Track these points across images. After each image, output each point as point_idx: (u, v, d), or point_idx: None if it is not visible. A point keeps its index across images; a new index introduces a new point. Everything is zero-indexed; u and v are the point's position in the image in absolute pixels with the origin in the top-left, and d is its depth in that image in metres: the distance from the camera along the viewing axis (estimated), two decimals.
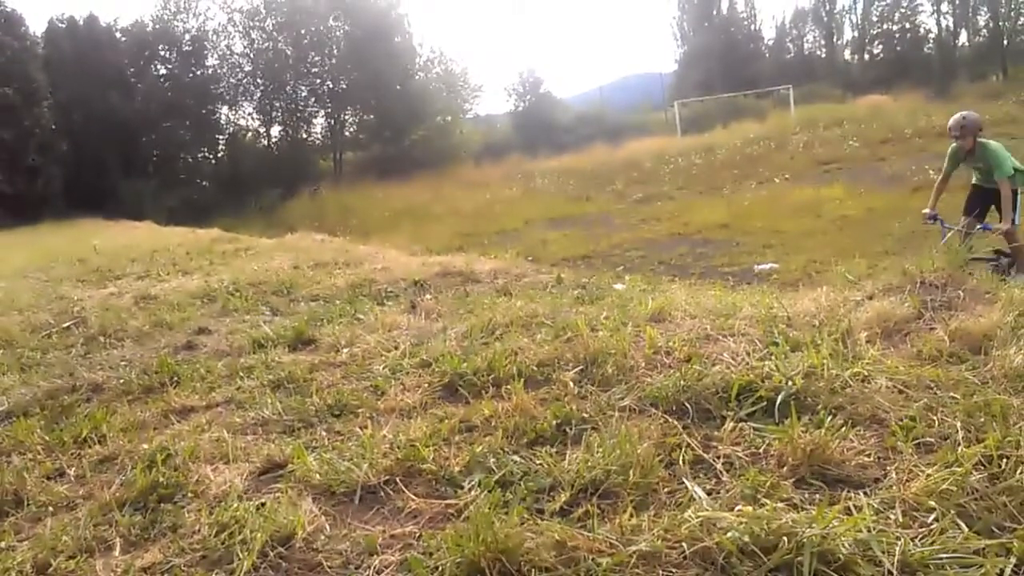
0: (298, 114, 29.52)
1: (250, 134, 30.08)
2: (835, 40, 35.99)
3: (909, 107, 21.27)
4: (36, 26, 30.53)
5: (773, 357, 2.25)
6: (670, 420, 1.97)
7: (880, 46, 34.07)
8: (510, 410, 2.14)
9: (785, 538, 1.35)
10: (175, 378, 3.07)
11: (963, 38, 33.27)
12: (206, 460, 2.12)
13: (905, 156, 15.21)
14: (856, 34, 34.98)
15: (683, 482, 1.65)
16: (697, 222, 11.39)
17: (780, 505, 1.48)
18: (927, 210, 5.37)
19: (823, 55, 36.24)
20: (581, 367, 2.43)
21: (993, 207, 5.22)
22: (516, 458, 1.85)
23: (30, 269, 8.71)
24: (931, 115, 18.20)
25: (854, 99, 26.04)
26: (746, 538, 1.36)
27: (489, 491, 1.69)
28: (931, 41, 33.33)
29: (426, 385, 2.52)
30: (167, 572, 1.58)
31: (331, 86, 28.95)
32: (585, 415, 2.06)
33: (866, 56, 34.55)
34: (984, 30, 32.42)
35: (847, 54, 35.98)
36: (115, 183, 24.77)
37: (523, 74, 32.20)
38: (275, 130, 29.98)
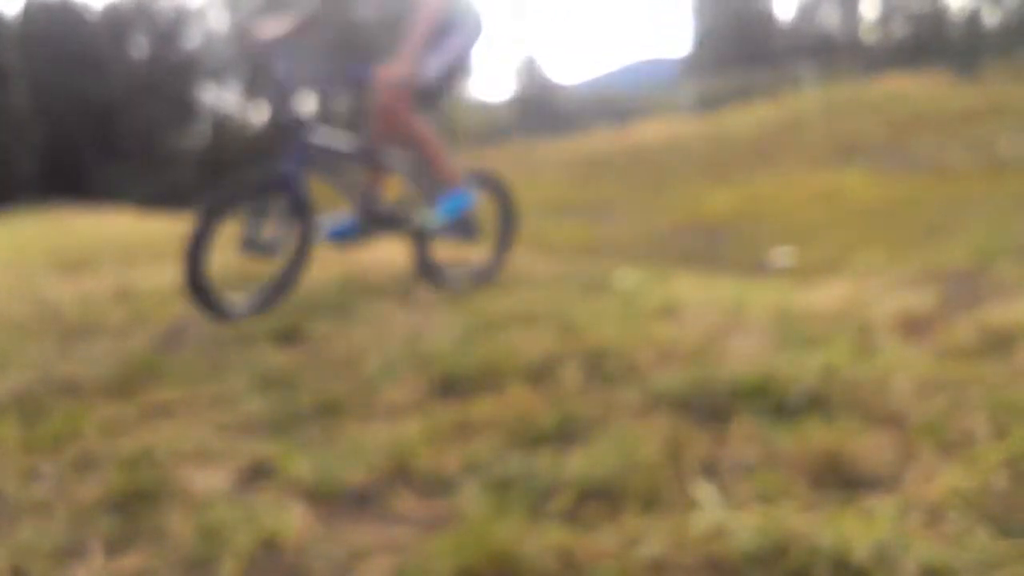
0: (286, 95, 29.45)
1: (236, 117, 30.03)
2: (855, 16, 35.86)
3: (933, 87, 21.20)
4: (12, 8, 30.50)
5: (787, 352, 2.25)
6: (678, 418, 1.97)
7: (903, 23, 33.94)
8: (509, 408, 2.14)
9: (799, 542, 1.36)
10: (156, 374, 3.07)
11: (989, 15, 33.11)
12: (189, 460, 2.12)
13: (929, 139, 15.18)
14: (878, 10, 34.86)
15: (691, 484, 1.65)
16: (708, 209, 11.38)
17: (793, 507, 1.49)
18: None
19: (842, 33, 36.11)
20: (584, 363, 2.43)
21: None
22: (515, 459, 1.86)
23: (0, 258, 8.69)
24: (956, 95, 18.16)
25: (875, 78, 25.91)
26: (758, 542, 1.37)
27: (487, 493, 1.70)
28: (956, 18, 33.16)
29: (421, 382, 2.52)
30: None
31: (321, 63, 28.88)
32: (588, 413, 2.06)
33: (888, 34, 34.41)
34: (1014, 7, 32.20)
35: (868, 31, 35.86)
36: (93, 168, 24.74)
37: (527, 57, 32.19)
38: (262, 113, 29.90)
